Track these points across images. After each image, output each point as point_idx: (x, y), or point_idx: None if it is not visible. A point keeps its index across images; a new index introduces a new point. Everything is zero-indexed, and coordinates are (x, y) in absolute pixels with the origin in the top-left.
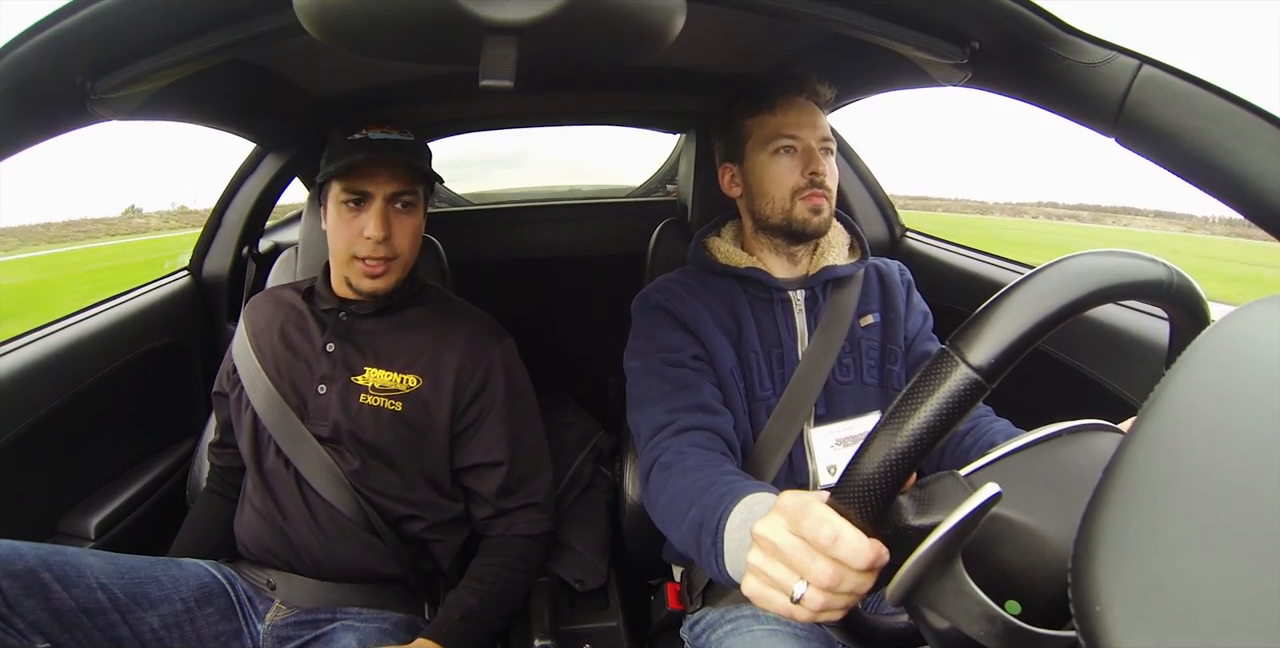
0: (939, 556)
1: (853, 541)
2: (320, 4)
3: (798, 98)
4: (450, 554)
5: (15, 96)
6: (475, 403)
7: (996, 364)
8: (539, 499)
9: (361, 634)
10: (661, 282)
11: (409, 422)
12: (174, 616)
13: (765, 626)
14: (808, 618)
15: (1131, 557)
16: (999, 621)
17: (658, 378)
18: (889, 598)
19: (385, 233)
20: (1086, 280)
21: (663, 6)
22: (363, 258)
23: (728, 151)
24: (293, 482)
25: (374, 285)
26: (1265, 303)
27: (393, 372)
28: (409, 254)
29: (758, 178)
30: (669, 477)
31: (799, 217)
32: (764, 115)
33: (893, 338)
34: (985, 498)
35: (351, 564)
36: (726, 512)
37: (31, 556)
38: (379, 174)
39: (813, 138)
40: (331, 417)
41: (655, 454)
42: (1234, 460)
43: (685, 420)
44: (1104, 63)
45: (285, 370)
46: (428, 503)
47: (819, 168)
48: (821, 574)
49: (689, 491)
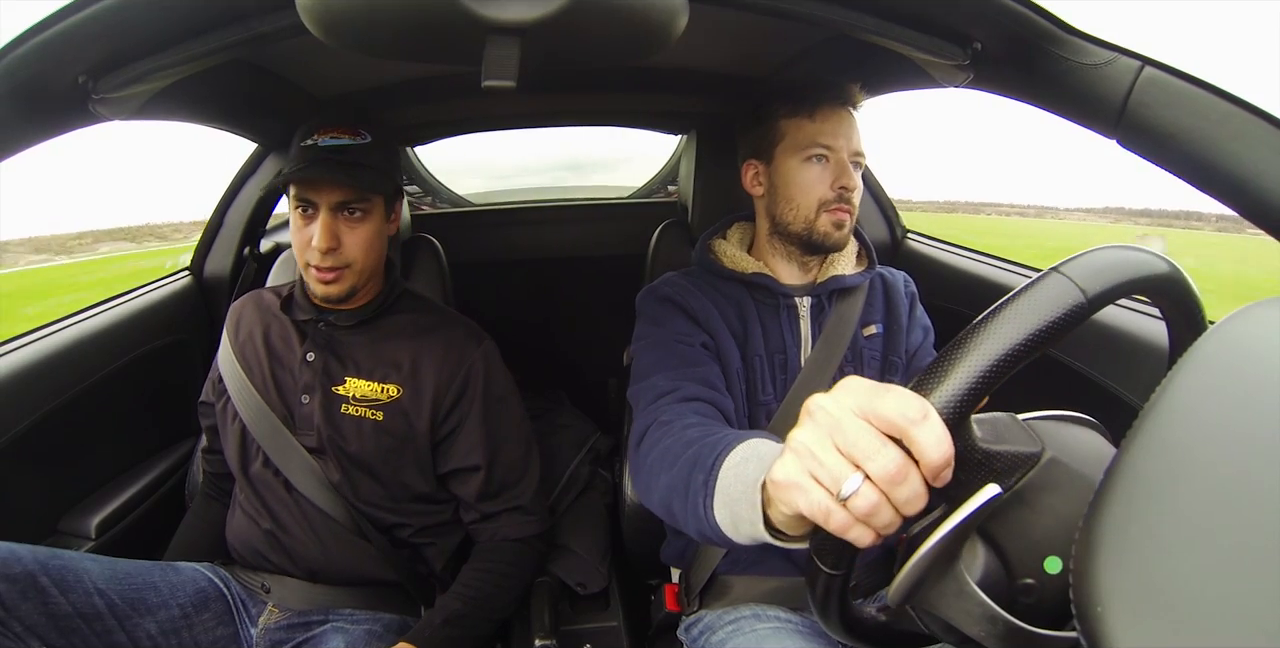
0: (940, 556)
1: (939, 425)
2: (323, 4)
3: (840, 108)
4: (443, 557)
5: (17, 96)
6: (455, 409)
7: (1104, 295)
8: (524, 503)
9: (350, 637)
10: (669, 277)
11: (390, 431)
12: (171, 622)
13: (767, 624)
14: (840, 527)
15: (1133, 558)
16: (1000, 621)
17: (665, 351)
18: (890, 598)
19: (330, 244)
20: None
21: (665, 7)
22: (314, 266)
23: (755, 148)
24: (283, 489)
25: (326, 291)
26: (1265, 305)
27: (373, 381)
28: (364, 262)
29: (785, 182)
30: (665, 432)
31: (821, 229)
32: (802, 119)
33: (894, 349)
34: (986, 498)
35: (346, 568)
36: (728, 449)
37: (30, 559)
38: (321, 184)
39: (846, 150)
40: (316, 427)
41: (653, 415)
42: (1234, 462)
43: (690, 390)
44: (1106, 64)
45: (271, 380)
46: (413, 510)
47: (849, 183)
48: (890, 463)
49: (686, 437)
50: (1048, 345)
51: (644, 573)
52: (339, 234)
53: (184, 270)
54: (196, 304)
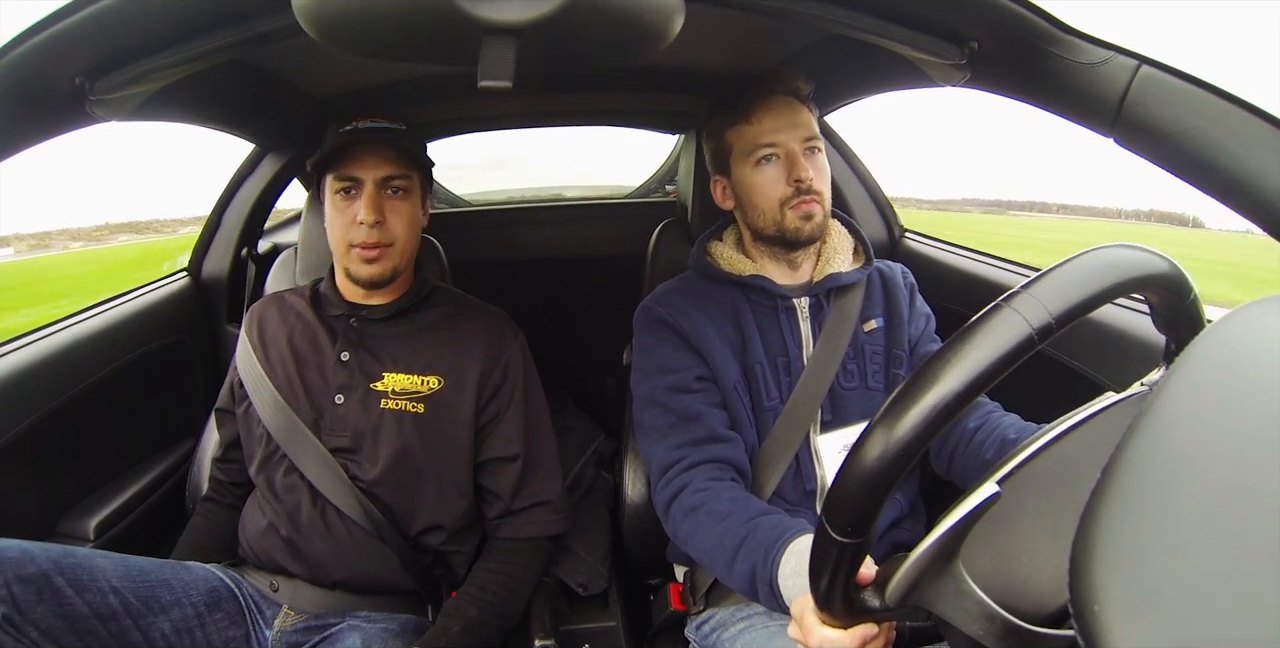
0: (938, 555)
1: (835, 640)
2: (319, 4)
3: (774, 99)
4: (467, 564)
5: (14, 97)
6: (496, 398)
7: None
8: (552, 498)
9: (367, 634)
10: (663, 293)
11: (433, 424)
12: (185, 621)
13: (779, 621)
14: None
15: (1130, 556)
16: (998, 620)
17: (663, 409)
18: (888, 598)
19: (377, 216)
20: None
21: (661, 7)
22: (358, 244)
23: (715, 165)
24: (306, 496)
25: (370, 271)
26: (1263, 304)
27: (413, 374)
28: (405, 241)
29: (746, 190)
30: (698, 522)
31: (791, 226)
32: (741, 125)
33: (897, 342)
34: (983, 498)
35: (364, 576)
36: (775, 569)
37: (44, 558)
38: (367, 158)
39: (794, 140)
40: (352, 426)
41: (673, 490)
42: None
43: (695, 455)
44: (1103, 63)
45: (297, 384)
46: (450, 510)
47: (802, 174)
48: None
49: (726, 540)
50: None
51: (643, 573)
52: (384, 210)
53: (182, 271)
54: (195, 305)
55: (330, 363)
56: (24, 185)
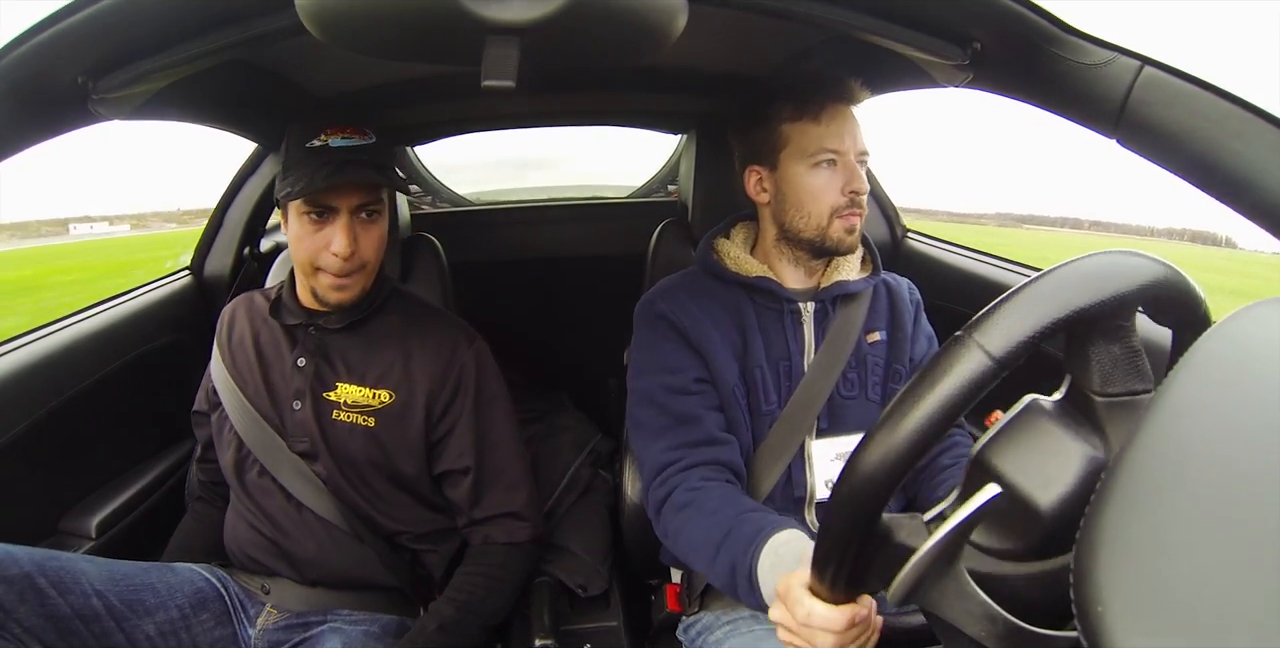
0: (940, 556)
1: (822, 613)
2: (322, 3)
3: (844, 107)
4: (443, 564)
5: (16, 96)
6: (448, 412)
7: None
8: (516, 508)
9: (348, 637)
10: (666, 288)
11: (382, 438)
12: (169, 623)
13: (764, 625)
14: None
15: (1133, 557)
16: (1000, 621)
17: (660, 409)
18: (890, 598)
19: (353, 248)
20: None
21: (665, 7)
22: (332, 273)
23: (756, 153)
24: (281, 497)
25: (340, 297)
26: (1265, 305)
27: (365, 387)
28: (375, 261)
29: (794, 189)
30: (687, 517)
31: (834, 236)
32: (807, 123)
33: (898, 357)
34: (986, 499)
35: (346, 572)
36: (755, 561)
37: (27, 560)
38: (345, 188)
39: (853, 152)
40: (308, 432)
41: (666, 490)
42: (1235, 461)
43: (691, 457)
44: (1106, 64)
45: (263, 387)
46: (410, 517)
47: (860, 186)
48: (825, 642)
49: (711, 534)
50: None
51: (644, 573)
52: (358, 237)
53: (184, 270)
54: (196, 304)
55: (289, 368)
56: (117, 172)
